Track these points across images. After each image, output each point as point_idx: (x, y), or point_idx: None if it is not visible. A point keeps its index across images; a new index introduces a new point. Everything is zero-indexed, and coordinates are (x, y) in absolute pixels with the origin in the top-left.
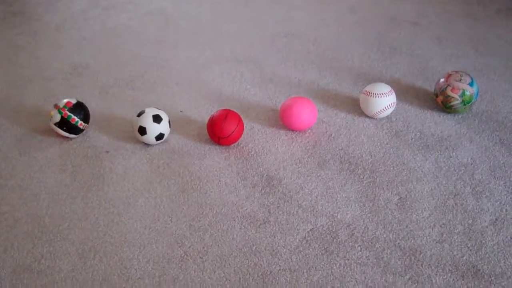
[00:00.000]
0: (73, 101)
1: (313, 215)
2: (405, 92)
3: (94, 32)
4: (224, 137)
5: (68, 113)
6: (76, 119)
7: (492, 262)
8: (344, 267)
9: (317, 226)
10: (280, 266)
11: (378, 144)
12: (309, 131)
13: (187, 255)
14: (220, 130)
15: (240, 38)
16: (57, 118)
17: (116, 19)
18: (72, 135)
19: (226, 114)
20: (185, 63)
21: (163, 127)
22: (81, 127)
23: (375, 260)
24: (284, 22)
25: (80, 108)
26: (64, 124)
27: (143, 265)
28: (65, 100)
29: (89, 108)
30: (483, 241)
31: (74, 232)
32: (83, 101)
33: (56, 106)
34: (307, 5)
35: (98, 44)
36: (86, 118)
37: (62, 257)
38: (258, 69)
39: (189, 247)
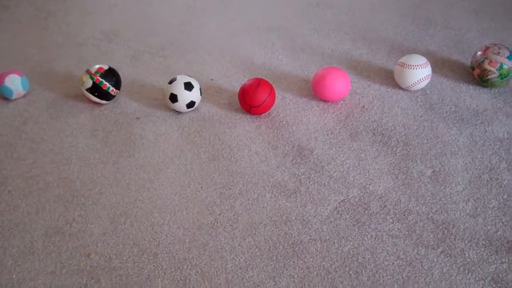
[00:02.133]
0: (105, 67)
1: (345, 186)
2: (440, 65)
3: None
4: (255, 106)
5: (100, 79)
6: (108, 85)
7: None
8: (375, 239)
9: (349, 197)
10: (310, 236)
11: (412, 116)
12: (342, 102)
13: (217, 222)
14: (251, 99)
15: (271, 7)
16: (89, 83)
17: None
18: (103, 101)
19: (258, 83)
20: (216, 31)
21: (194, 95)
22: (112, 93)
23: (407, 233)
24: None
25: (111, 74)
26: (96, 89)
27: (174, 231)
28: (97, 66)
29: (120, 75)
30: None
31: (105, 197)
32: (114, 68)
33: (88, 71)
34: None
35: (129, 11)
36: (117, 84)
37: (93, 221)
38: (290, 38)
39: (220, 214)
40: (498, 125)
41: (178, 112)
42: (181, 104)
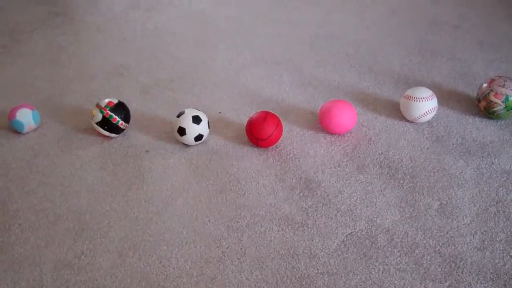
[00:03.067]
0: (115, 101)
1: (352, 219)
2: (446, 97)
3: (135, 33)
4: (262, 139)
5: (110, 113)
6: (117, 118)
7: None
8: (382, 272)
9: (356, 230)
10: (318, 269)
11: (419, 149)
12: (349, 134)
13: (225, 255)
14: (259, 132)
15: (278, 40)
16: (99, 117)
17: (156, 21)
18: (113, 135)
19: (265, 116)
20: (224, 64)
21: (202, 128)
22: (122, 126)
23: (414, 266)
24: (323, 24)
25: (121, 108)
26: (106, 123)
27: (181, 264)
28: (107, 100)
29: (129, 108)
30: None
31: (114, 230)
32: (124, 101)
33: (98, 105)
34: (346, 7)
35: (139, 45)
36: (127, 118)
37: (102, 254)
38: (297, 71)
39: (227, 247)
40: (504, 157)
41: (186, 145)
42: (189, 137)
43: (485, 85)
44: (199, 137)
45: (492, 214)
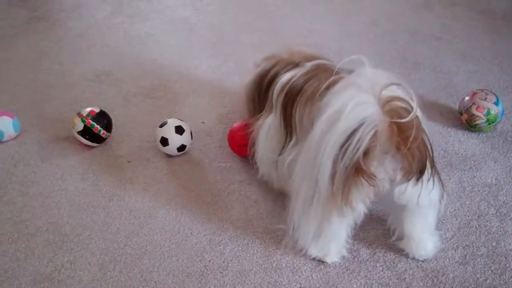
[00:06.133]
0: (96, 110)
1: None
2: (428, 109)
3: (117, 40)
4: (244, 145)
5: (91, 122)
6: (99, 128)
7: None
8: (365, 287)
9: None
10: (300, 284)
11: None
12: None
13: (207, 269)
14: (240, 137)
15: (262, 49)
16: (80, 126)
17: (140, 27)
18: (94, 144)
19: (247, 123)
20: (207, 73)
21: (185, 139)
22: (103, 136)
23: (396, 281)
24: (306, 34)
25: (103, 117)
26: (87, 132)
27: (163, 278)
28: (88, 109)
29: (111, 117)
30: (507, 265)
31: (95, 242)
32: (106, 109)
33: (79, 114)
34: (328, 16)
35: (121, 52)
36: (108, 127)
37: (83, 267)
38: None
39: (209, 261)
40: (486, 170)
41: (169, 156)
42: (171, 148)
43: (467, 98)
44: (181, 148)
45: (473, 228)
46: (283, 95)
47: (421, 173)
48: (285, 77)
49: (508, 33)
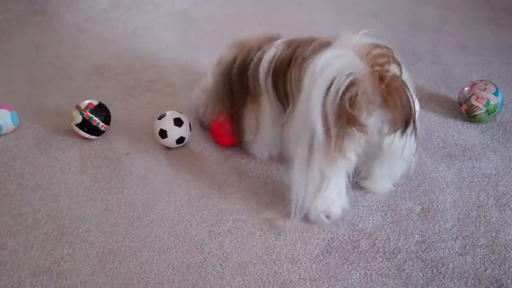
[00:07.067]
0: (95, 103)
1: (334, 224)
2: (428, 100)
3: (116, 33)
4: (224, 135)
5: (90, 115)
6: (98, 120)
7: None
8: (364, 277)
9: (338, 235)
10: (300, 275)
11: None
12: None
13: (206, 261)
14: (220, 129)
15: None
16: (79, 119)
17: (138, 20)
18: (93, 137)
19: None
20: (206, 65)
21: (183, 131)
22: (102, 128)
23: (396, 272)
24: (305, 26)
25: (101, 110)
26: (86, 125)
27: (163, 270)
28: (87, 102)
29: (110, 110)
30: (507, 255)
31: (94, 235)
32: (104, 102)
33: (77, 107)
34: (328, 8)
35: (120, 45)
36: (107, 119)
37: (82, 259)
38: None
39: (209, 253)
40: (485, 161)
41: (168, 148)
42: (170, 140)
43: (466, 88)
44: (180, 140)
45: (473, 219)
46: (271, 74)
47: (406, 125)
48: (266, 59)
49: (507, 25)
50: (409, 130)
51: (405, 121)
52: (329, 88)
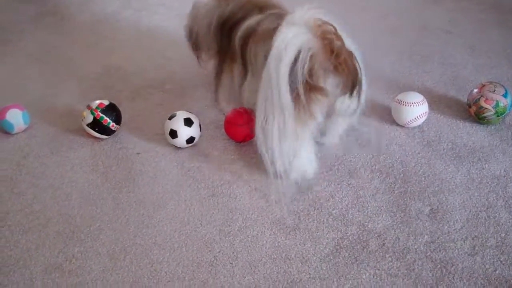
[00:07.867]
0: (106, 103)
1: (344, 223)
2: (437, 101)
3: (126, 34)
4: (241, 124)
5: (101, 114)
6: (108, 120)
7: None
8: (374, 277)
9: (348, 234)
10: (310, 274)
11: (410, 153)
12: (340, 139)
13: (216, 259)
14: (235, 118)
15: None
16: (90, 119)
17: (148, 21)
18: (104, 136)
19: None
20: None
21: (194, 131)
22: (113, 128)
23: (406, 271)
24: None
25: (112, 110)
26: (96, 125)
27: (173, 268)
28: (98, 102)
29: (120, 110)
30: None
31: (105, 233)
32: (115, 102)
33: (88, 107)
34: (336, 11)
35: (130, 46)
36: (118, 119)
37: (93, 257)
38: None
39: (219, 251)
40: (494, 162)
41: (178, 148)
42: (180, 140)
43: (475, 90)
44: (190, 140)
45: (482, 220)
46: (242, 39)
47: (353, 88)
48: (244, 25)
49: None
50: (355, 91)
51: (352, 83)
52: (295, 65)
